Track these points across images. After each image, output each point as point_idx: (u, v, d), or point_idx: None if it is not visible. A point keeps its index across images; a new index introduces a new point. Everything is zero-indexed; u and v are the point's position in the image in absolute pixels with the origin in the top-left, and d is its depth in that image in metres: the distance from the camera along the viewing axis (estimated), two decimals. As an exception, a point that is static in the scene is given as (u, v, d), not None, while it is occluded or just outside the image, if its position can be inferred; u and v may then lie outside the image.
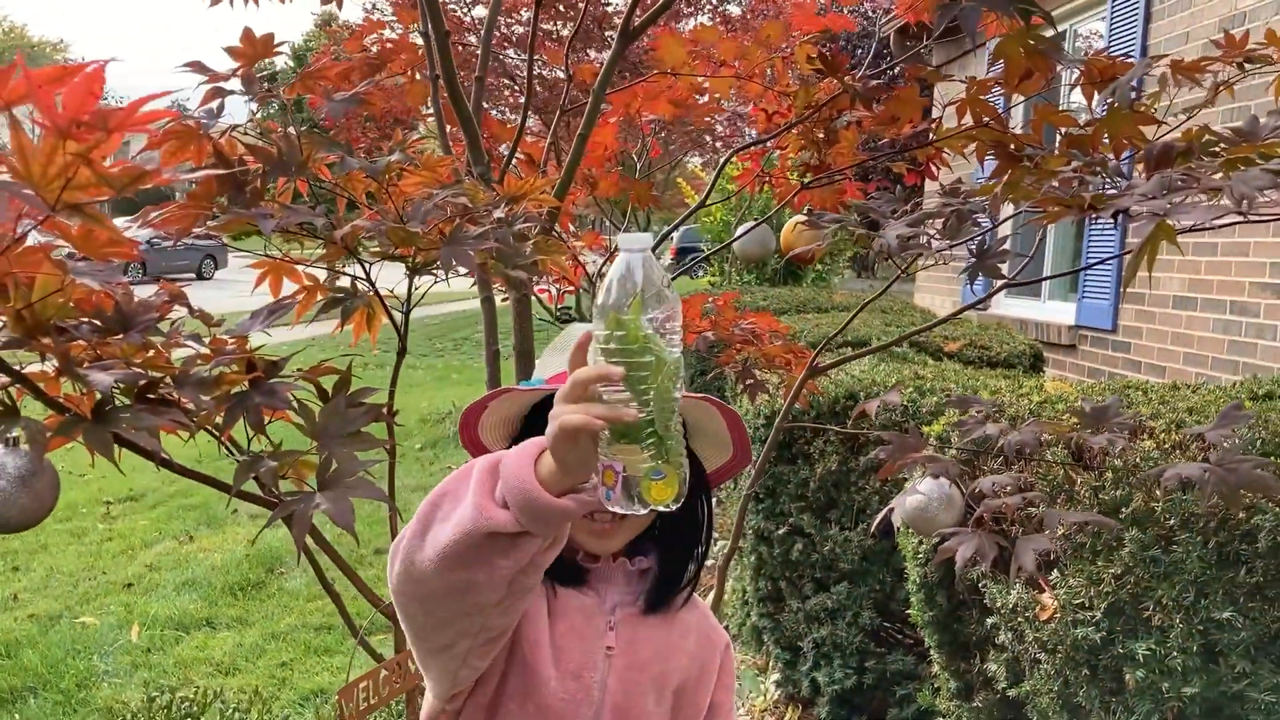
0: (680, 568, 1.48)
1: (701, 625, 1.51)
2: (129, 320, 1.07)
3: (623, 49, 1.98)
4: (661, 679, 1.44)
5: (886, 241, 1.52)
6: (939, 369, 4.10)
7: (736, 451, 1.48)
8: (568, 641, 1.40)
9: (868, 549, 3.61)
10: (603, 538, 1.42)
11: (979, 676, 2.66)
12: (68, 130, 0.79)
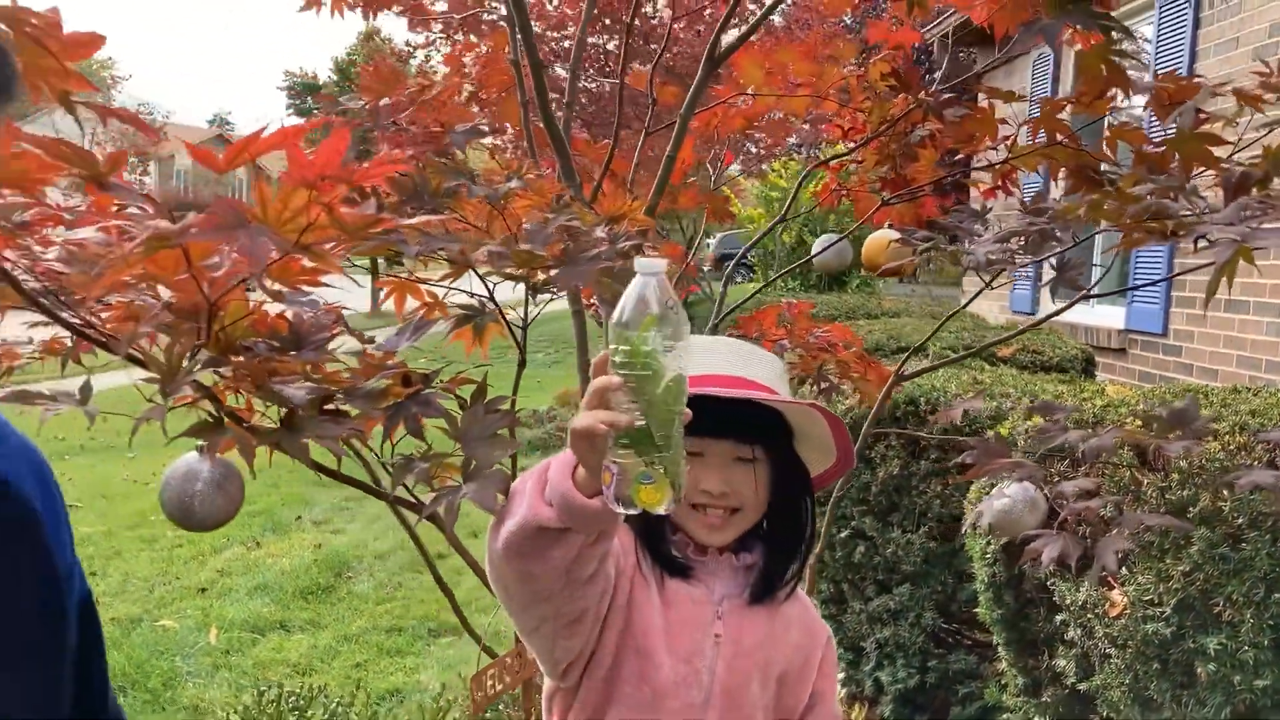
0: (783, 564, 1.56)
1: (804, 618, 1.60)
2: (302, 339, 1.20)
3: (709, 74, 2.10)
4: (765, 666, 1.53)
5: (976, 257, 1.63)
6: (996, 374, 4.17)
7: (840, 455, 1.57)
8: (679, 629, 1.50)
9: (930, 551, 3.69)
10: (713, 531, 1.51)
11: (1047, 672, 2.74)
12: (314, 182, 0.91)
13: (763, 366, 1.57)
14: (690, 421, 1.47)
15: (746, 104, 2.39)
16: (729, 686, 1.50)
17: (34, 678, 0.91)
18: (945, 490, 3.65)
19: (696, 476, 1.46)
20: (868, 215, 2.39)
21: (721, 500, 1.48)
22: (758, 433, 1.50)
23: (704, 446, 1.48)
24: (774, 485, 1.52)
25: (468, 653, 4.63)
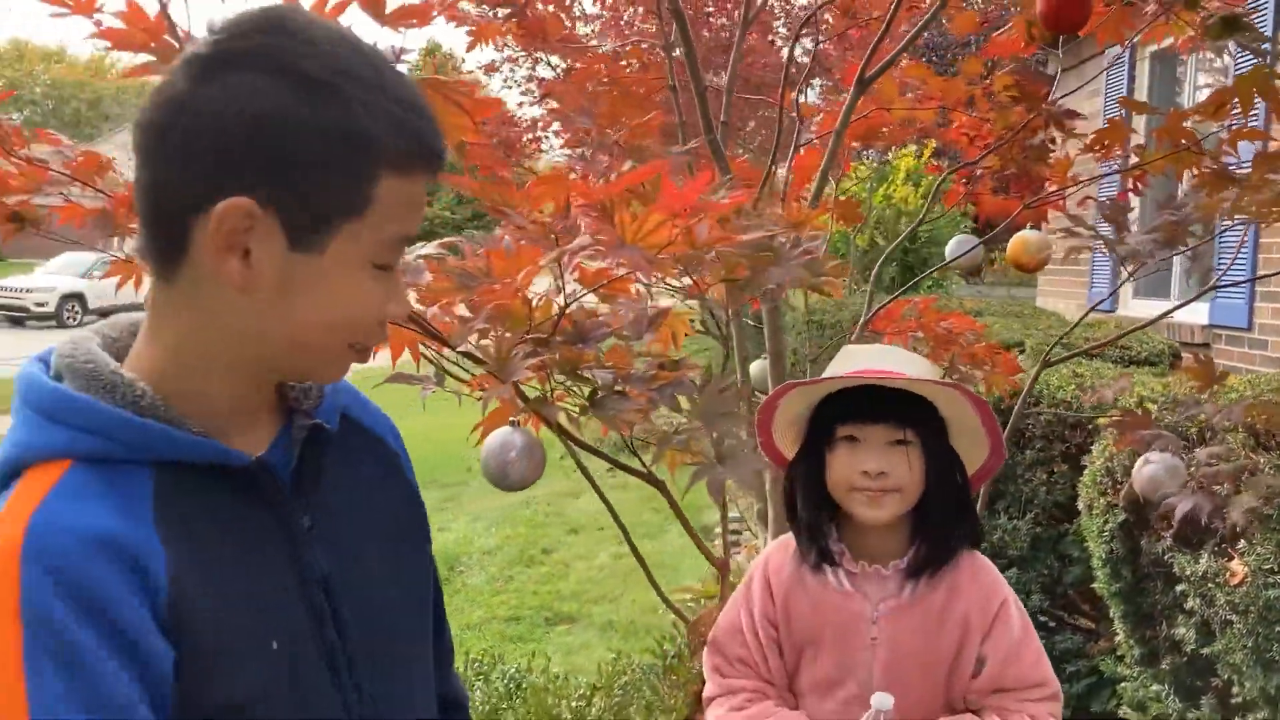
0: (939, 552, 1.68)
1: (968, 607, 1.68)
2: (585, 334, 1.44)
3: (860, 94, 2.33)
4: (924, 663, 1.68)
5: (1134, 247, 1.83)
6: (1093, 368, 4.34)
7: (992, 445, 1.74)
8: (837, 638, 1.71)
9: (1036, 537, 3.87)
10: (873, 506, 1.67)
11: (1165, 641, 2.92)
12: (679, 211, 1.16)
13: (915, 366, 1.75)
14: (849, 409, 1.69)
15: (882, 116, 2.62)
16: (885, 684, 1.67)
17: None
18: (1050, 478, 3.83)
19: (856, 459, 1.66)
20: (1011, 218, 2.60)
21: (879, 481, 1.64)
22: (910, 418, 1.68)
23: (862, 431, 1.67)
24: (929, 468, 1.67)
25: (585, 639, 4.89)
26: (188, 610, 0.85)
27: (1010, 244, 2.51)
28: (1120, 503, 2.75)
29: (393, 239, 0.91)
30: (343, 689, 0.97)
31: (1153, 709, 2.99)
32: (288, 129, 0.84)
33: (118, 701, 0.80)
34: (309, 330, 0.91)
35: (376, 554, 1.05)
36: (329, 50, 0.86)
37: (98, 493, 0.85)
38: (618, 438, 1.69)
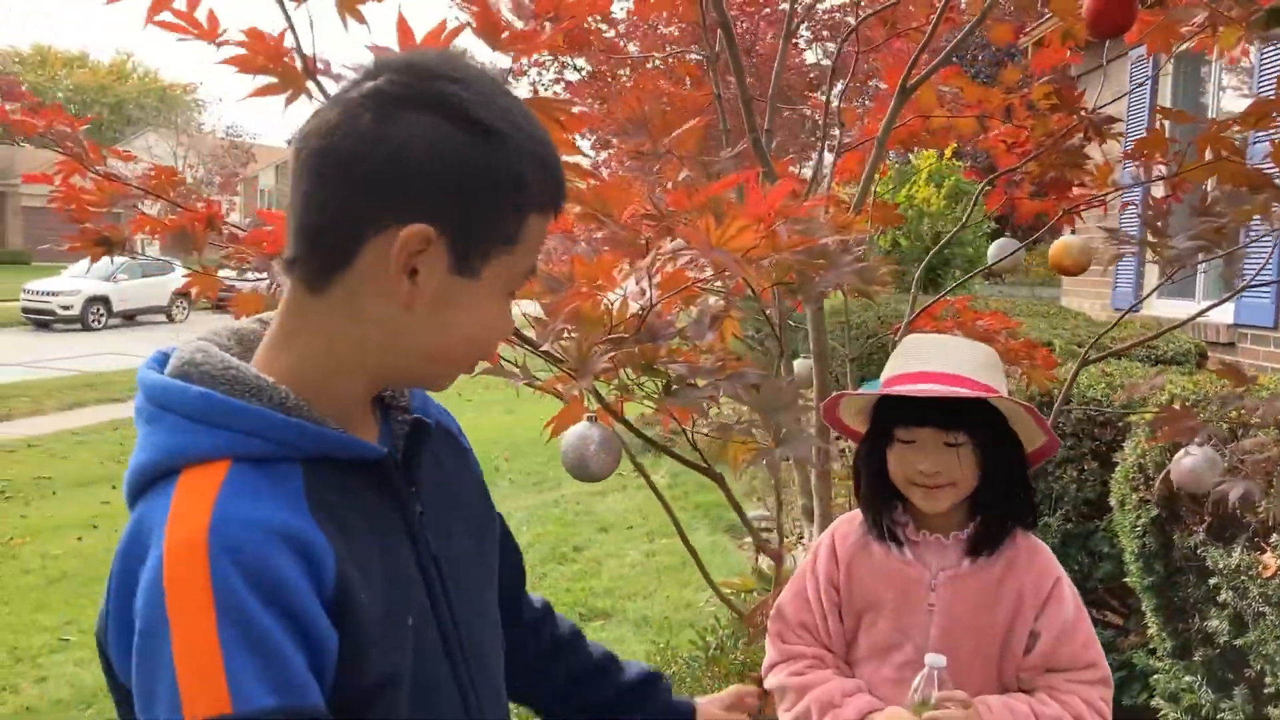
0: (995, 533, 1.79)
1: (1023, 582, 1.79)
2: (656, 333, 1.54)
3: (903, 102, 2.42)
4: (978, 630, 1.78)
5: (1179, 250, 1.92)
6: (1121, 367, 4.41)
7: (1047, 437, 1.84)
8: (896, 603, 1.81)
9: (1066, 533, 3.94)
10: (929, 500, 1.78)
11: (1197, 634, 2.99)
12: (765, 217, 1.25)
13: (971, 360, 1.83)
14: (903, 414, 1.79)
15: (920, 123, 2.70)
16: (941, 648, 1.77)
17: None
18: (1080, 475, 3.90)
19: (912, 459, 1.77)
20: (1053, 221, 2.68)
21: (933, 479, 1.75)
22: (962, 421, 1.76)
23: (917, 435, 1.77)
24: (982, 464, 1.78)
25: (620, 634, 4.98)
26: (349, 597, 0.94)
27: (1053, 248, 2.59)
28: (1154, 497, 2.82)
29: (526, 270, 1.02)
30: (451, 657, 1.07)
31: (1185, 700, 3.06)
32: (463, 168, 0.94)
33: (298, 683, 0.88)
34: (454, 345, 1.01)
35: (464, 540, 1.16)
36: (490, 98, 0.97)
37: (264, 489, 0.94)
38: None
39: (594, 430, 1.64)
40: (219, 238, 1.98)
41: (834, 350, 2.65)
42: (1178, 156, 2.25)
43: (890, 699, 1.78)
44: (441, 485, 1.15)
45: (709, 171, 2.00)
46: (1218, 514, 2.78)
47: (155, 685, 0.87)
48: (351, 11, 1.40)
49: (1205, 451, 2.06)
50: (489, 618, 1.20)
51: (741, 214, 1.30)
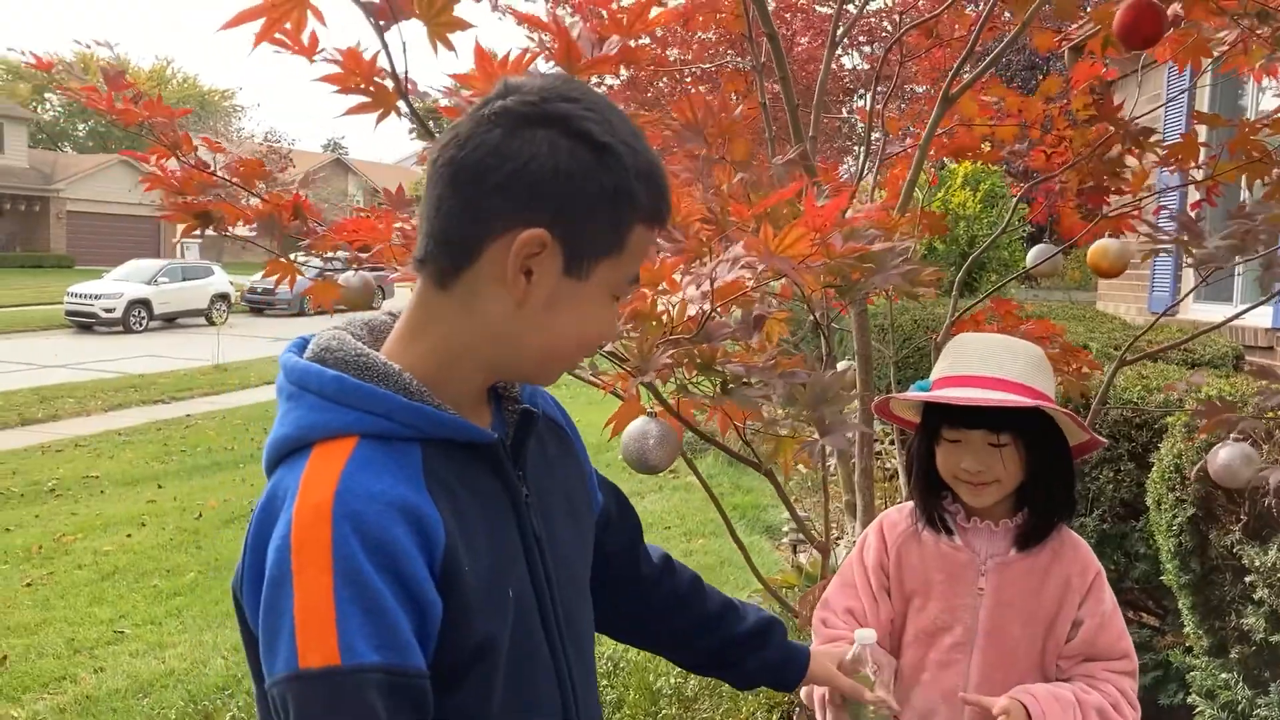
0: (1041, 524, 1.89)
1: (1068, 570, 1.88)
2: (711, 335, 1.63)
3: (944, 111, 2.50)
4: (1026, 614, 1.86)
5: (1210, 253, 1.99)
6: (1157, 369, 4.45)
7: (1090, 436, 1.91)
8: (946, 586, 1.89)
9: (1103, 533, 3.99)
10: (975, 496, 1.87)
11: (1233, 632, 3.03)
12: (821, 227, 1.34)
13: (1016, 361, 1.90)
14: (950, 415, 1.87)
15: (970, 138, 2.78)
16: (990, 629, 1.86)
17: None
18: (1117, 475, 3.95)
19: (958, 457, 1.85)
20: (1088, 228, 2.75)
21: (978, 477, 1.85)
22: (1006, 423, 1.84)
23: (963, 435, 1.86)
24: (1026, 462, 1.87)
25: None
26: (455, 568, 1.04)
27: (1091, 251, 2.66)
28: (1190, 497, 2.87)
29: (629, 276, 1.13)
30: (547, 628, 1.18)
31: (1222, 696, 3.11)
32: (579, 180, 1.05)
33: (401, 643, 0.99)
34: (563, 342, 1.12)
35: (565, 522, 1.27)
36: (605, 117, 1.08)
37: (386, 465, 1.05)
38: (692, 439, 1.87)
39: (653, 425, 1.73)
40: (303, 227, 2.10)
41: (877, 352, 2.73)
42: (1212, 160, 2.32)
43: (937, 681, 1.86)
44: (546, 471, 1.26)
45: (761, 178, 2.09)
46: (1254, 513, 2.83)
47: (277, 634, 0.98)
48: (442, 40, 1.50)
49: (1241, 446, 2.12)
50: (583, 594, 1.31)
51: (800, 223, 1.39)
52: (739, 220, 1.47)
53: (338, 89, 1.54)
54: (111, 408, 14.28)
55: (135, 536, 7.48)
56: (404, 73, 1.52)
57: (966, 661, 1.87)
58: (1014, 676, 1.84)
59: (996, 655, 1.86)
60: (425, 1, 1.51)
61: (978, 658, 1.87)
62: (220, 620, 5.56)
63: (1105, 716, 1.79)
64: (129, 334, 24.22)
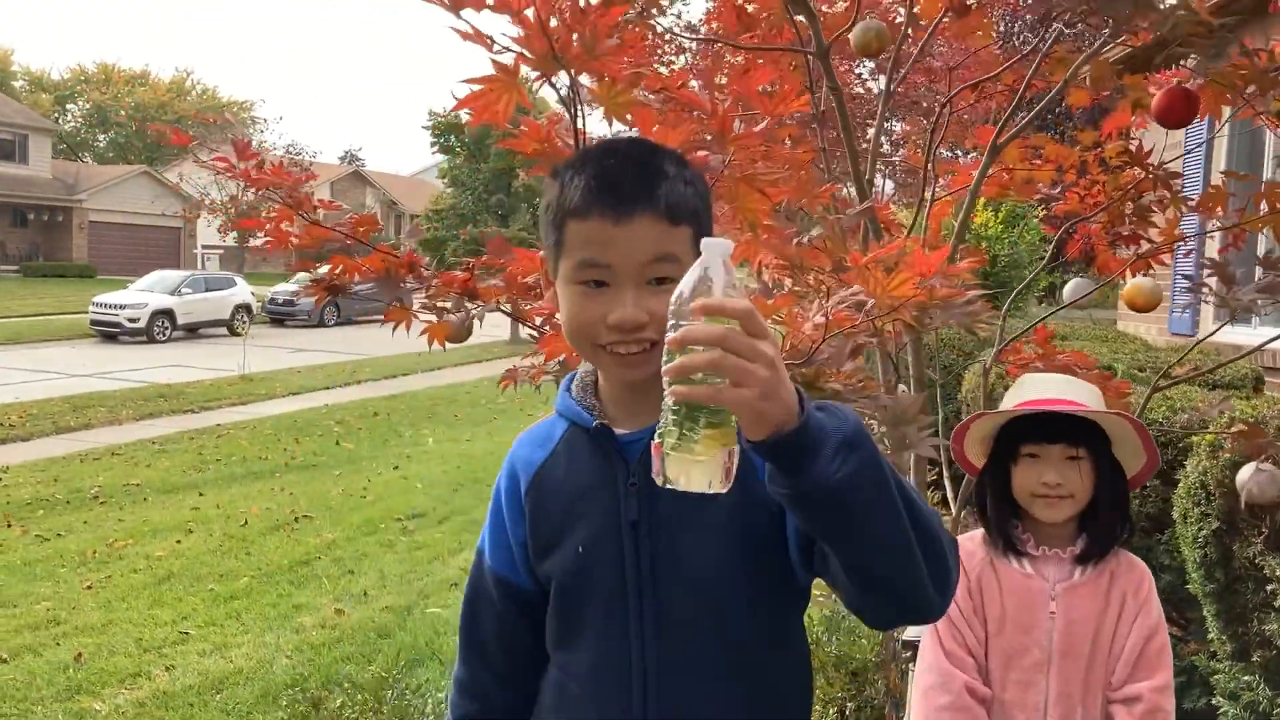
0: (1105, 544, 2.14)
1: (1125, 588, 2.12)
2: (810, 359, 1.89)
3: (993, 158, 2.76)
4: (1095, 633, 2.10)
5: (1242, 300, 2.24)
6: (1181, 391, 4.68)
7: (1148, 455, 2.16)
8: (1021, 611, 2.13)
9: (1130, 546, 4.21)
10: (1051, 509, 2.11)
11: (1256, 637, 3.27)
12: (924, 272, 1.60)
13: (1083, 394, 2.18)
14: (1032, 431, 2.12)
15: (1004, 176, 3.04)
16: (1064, 650, 2.10)
17: None
18: (1143, 491, 4.18)
19: (1038, 471, 2.10)
20: (1122, 269, 3.01)
21: (1057, 490, 2.10)
22: (1082, 438, 2.11)
23: (1042, 450, 2.11)
24: (1097, 477, 2.12)
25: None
26: (534, 508, 1.49)
27: (1126, 289, 2.92)
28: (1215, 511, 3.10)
29: (578, 263, 1.36)
30: (626, 594, 1.41)
31: (1245, 698, 3.34)
32: (543, 205, 1.42)
33: (489, 544, 1.57)
34: (568, 331, 1.41)
35: (690, 521, 1.38)
36: (580, 153, 1.44)
37: (542, 431, 1.54)
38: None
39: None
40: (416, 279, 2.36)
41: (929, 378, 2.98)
42: (1239, 211, 2.57)
43: (1022, 700, 2.10)
44: None
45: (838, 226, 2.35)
46: (1275, 527, 3.06)
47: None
48: (618, 117, 1.78)
49: (1269, 468, 2.37)
50: (696, 582, 1.40)
51: (907, 269, 1.65)
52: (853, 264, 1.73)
53: (523, 155, 1.81)
54: (142, 417, 14.60)
55: (185, 542, 7.76)
56: (581, 138, 1.81)
57: (1045, 680, 2.11)
58: (1087, 689, 2.08)
59: (1071, 672, 2.10)
60: (605, 88, 1.79)
61: (1054, 675, 2.10)
62: (280, 622, 5.83)
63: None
64: (153, 344, 24.56)
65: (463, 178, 31.79)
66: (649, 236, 1.33)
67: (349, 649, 5.31)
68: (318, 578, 6.76)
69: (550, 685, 1.52)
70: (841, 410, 1.16)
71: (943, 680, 2.13)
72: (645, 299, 1.33)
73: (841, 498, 1.11)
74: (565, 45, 1.74)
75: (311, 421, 14.01)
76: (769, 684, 1.44)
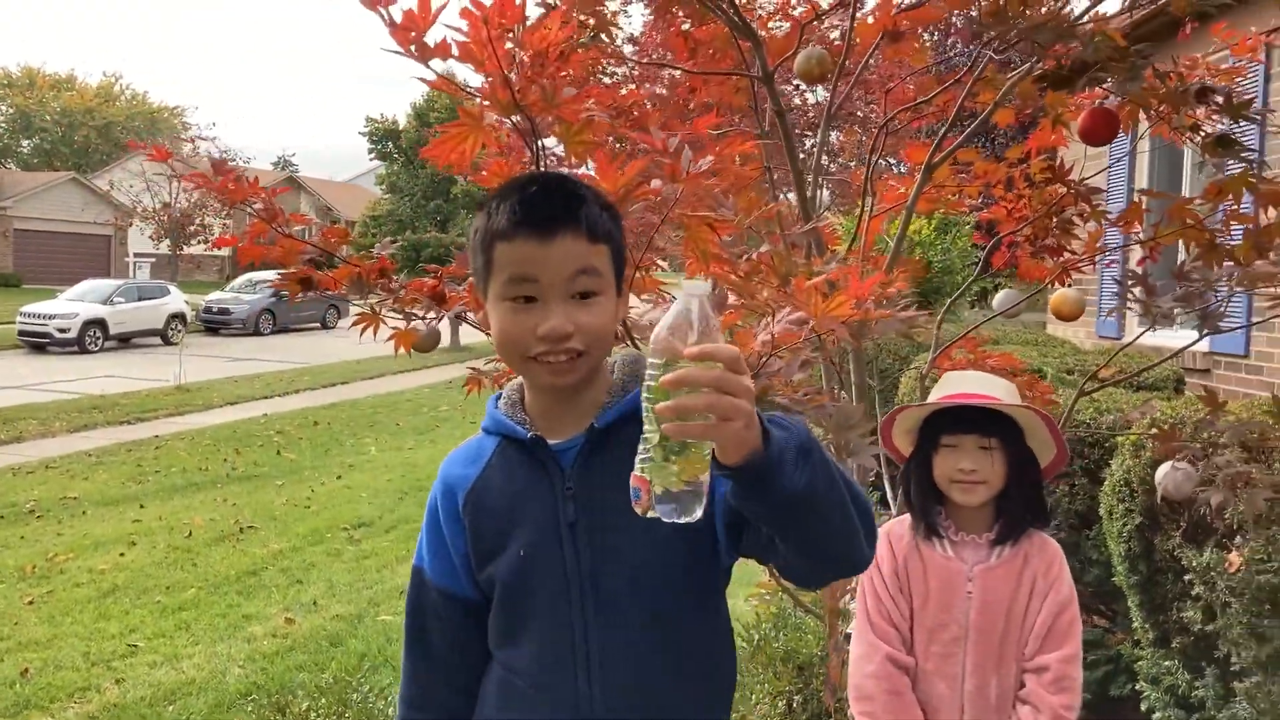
0: (1017, 529, 2.31)
1: (1040, 558, 2.31)
2: (762, 371, 2.02)
3: (928, 178, 2.91)
4: (1008, 611, 2.27)
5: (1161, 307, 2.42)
6: (1107, 394, 4.91)
7: (1057, 448, 2.34)
8: (942, 591, 2.29)
9: (1060, 541, 4.38)
10: (967, 495, 2.29)
11: (1175, 624, 3.47)
12: (860, 296, 1.73)
13: (998, 390, 2.37)
14: (950, 424, 2.29)
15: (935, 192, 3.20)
16: (980, 626, 2.27)
17: None
18: (1072, 489, 4.40)
19: (954, 460, 2.27)
20: (1052, 277, 3.19)
21: (972, 476, 2.27)
22: (994, 430, 2.28)
23: (959, 440, 2.28)
24: (1009, 465, 2.29)
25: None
26: (472, 519, 1.58)
27: (1052, 299, 3.10)
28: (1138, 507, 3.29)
29: (507, 280, 1.46)
30: (569, 591, 1.51)
31: (1165, 682, 3.55)
32: (473, 234, 1.52)
33: (423, 553, 1.67)
34: (499, 346, 1.51)
35: (623, 518, 1.34)
36: (503, 185, 1.55)
37: (472, 448, 1.64)
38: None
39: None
40: (387, 284, 2.46)
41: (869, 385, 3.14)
42: (1155, 226, 2.76)
43: (941, 670, 2.27)
44: (610, 474, 1.40)
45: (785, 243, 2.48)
46: (1192, 521, 3.27)
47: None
48: (577, 154, 1.91)
49: (1185, 466, 2.55)
50: (633, 574, 1.51)
51: (845, 293, 1.79)
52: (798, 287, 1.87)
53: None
54: (76, 429, 14.33)
55: (128, 555, 7.70)
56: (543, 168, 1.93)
57: (962, 652, 2.28)
58: (1001, 661, 2.25)
59: (986, 646, 2.28)
60: (564, 129, 1.91)
61: (971, 649, 2.28)
62: (230, 632, 5.84)
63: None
64: (85, 354, 24.10)
65: (400, 184, 31.65)
66: (572, 253, 1.45)
67: (301, 657, 5.35)
68: (266, 588, 6.76)
69: (494, 684, 1.62)
70: (788, 421, 1.30)
71: (868, 651, 2.32)
72: (571, 311, 1.45)
73: (804, 501, 1.25)
74: (525, 93, 1.87)
75: (251, 432, 13.89)
76: (701, 659, 1.58)
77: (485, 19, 1.99)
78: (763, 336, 1.91)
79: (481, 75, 1.93)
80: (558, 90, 2.01)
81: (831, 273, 1.87)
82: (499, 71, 1.98)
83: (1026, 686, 2.26)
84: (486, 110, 1.95)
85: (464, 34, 2.02)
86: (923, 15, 2.87)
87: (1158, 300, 2.48)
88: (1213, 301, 2.53)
